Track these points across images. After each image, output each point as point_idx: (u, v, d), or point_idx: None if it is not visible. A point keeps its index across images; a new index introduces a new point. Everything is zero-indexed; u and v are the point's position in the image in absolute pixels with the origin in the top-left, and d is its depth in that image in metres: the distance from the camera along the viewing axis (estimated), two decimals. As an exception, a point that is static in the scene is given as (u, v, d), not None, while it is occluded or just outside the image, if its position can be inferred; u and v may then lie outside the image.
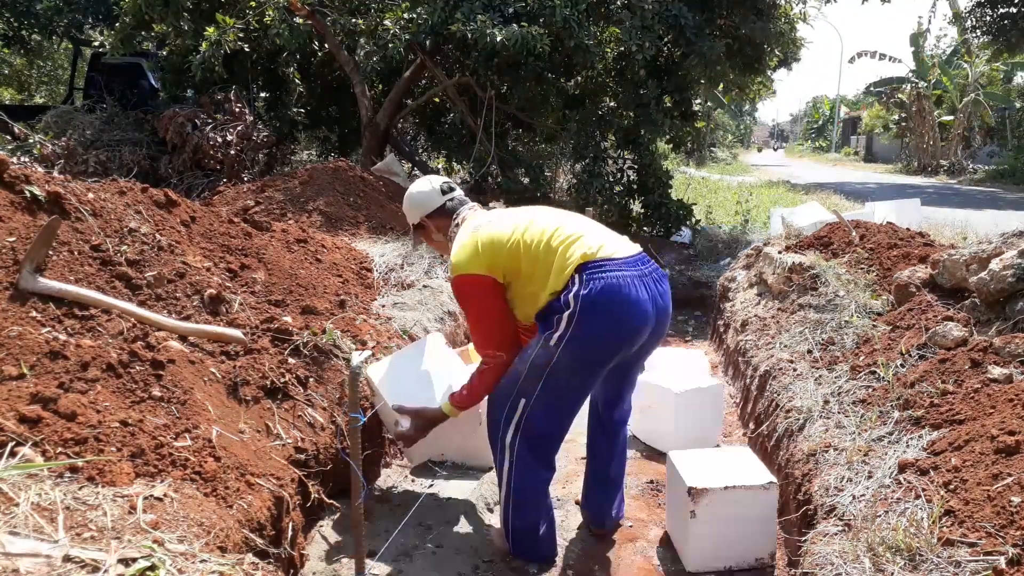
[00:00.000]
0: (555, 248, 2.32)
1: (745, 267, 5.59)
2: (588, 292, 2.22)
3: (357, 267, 4.34)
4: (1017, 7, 17.88)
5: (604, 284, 2.23)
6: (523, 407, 2.37)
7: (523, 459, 2.42)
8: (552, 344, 2.28)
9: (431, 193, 2.66)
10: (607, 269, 2.26)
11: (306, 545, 2.48)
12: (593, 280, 2.24)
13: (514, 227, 2.40)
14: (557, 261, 2.30)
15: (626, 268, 2.29)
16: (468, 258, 2.37)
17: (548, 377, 2.31)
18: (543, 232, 2.37)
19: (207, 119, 7.47)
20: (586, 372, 2.37)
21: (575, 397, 2.45)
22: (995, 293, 2.93)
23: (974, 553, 1.68)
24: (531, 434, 2.40)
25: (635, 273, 2.30)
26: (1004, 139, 24.05)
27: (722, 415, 3.80)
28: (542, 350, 2.31)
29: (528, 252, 2.34)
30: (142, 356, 2.29)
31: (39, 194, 2.66)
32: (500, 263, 2.36)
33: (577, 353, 2.28)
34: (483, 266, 2.35)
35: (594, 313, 2.22)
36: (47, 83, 19.78)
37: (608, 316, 2.24)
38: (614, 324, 2.27)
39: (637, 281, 2.29)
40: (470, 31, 6.39)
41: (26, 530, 1.40)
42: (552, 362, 2.29)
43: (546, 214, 2.50)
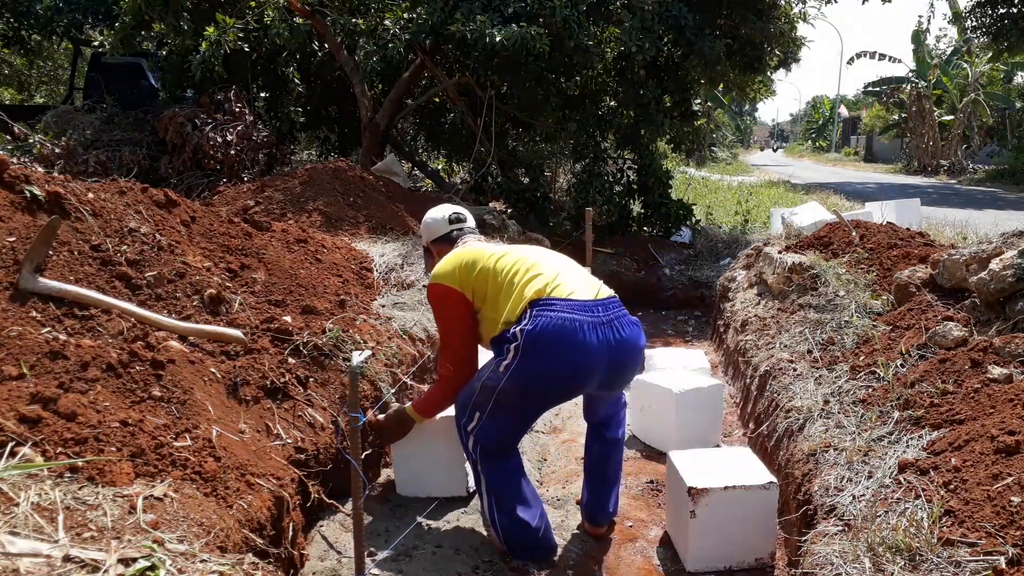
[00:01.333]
0: (517, 281, 2.41)
1: (745, 267, 5.59)
2: (532, 328, 2.28)
3: (357, 267, 4.34)
4: (1017, 7, 17.88)
5: (548, 323, 2.28)
6: (478, 418, 2.46)
7: (485, 460, 2.51)
8: (500, 370, 2.37)
9: (440, 220, 2.79)
10: (556, 308, 2.32)
11: (306, 545, 2.48)
12: (539, 317, 2.30)
13: (493, 254, 2.52)
14: (516, 293, 2.38)
15: (578, 312, 2.33)
16: (444, 270, 2.52)
17: (497, 398, 2.40)
18: (514, 264, 2.47)
19: (207, 119, 7.47)
20: (533, 400, 2.47)
21: (524, 418, 2.54)
22: (995, 293, 2.93)
23: (974, 553, 1.68)
24: (485, 444, 2.49)
25: (587, 318, 2.33)
26: (1004, 139, 24.04)
27: (722, 415, 3.80)
28: (492, 373, 2.41)
29: (495, 279, 2.45)
30: (142, 356, 2.29)
31: (39, 194, 2.66)
32: (470, 283, 2.47)
33: (521, 384, 2.35)
34: (456, 281, 2.48)
35: (536, 350, 2.28)
36: (47, 83, 19.78)
37: (549, 355, 2.29)
38: (555, 363, 2.30)
39: (587, 327, 2.31)
40: (470, 31, 6.39)
41: (26, 530, 1.40)
42: (499, 386, 2.38)
43: (530, 251, 2.60)
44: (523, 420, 2.55)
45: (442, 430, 2.85)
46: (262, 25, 7.27)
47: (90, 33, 9.99)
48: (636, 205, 8.63)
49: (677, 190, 10.33)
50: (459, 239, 2.74)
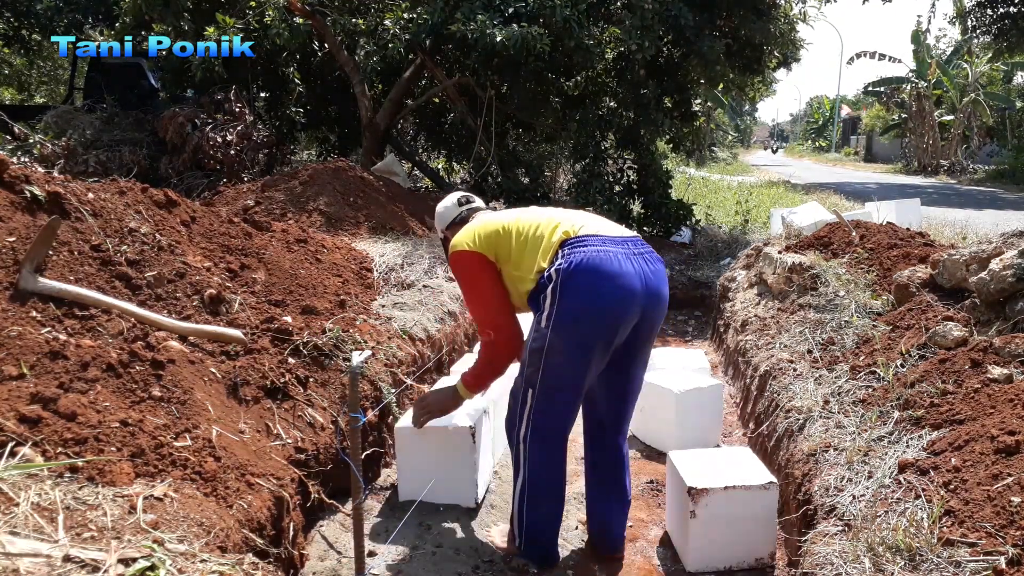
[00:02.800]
0: (542, 233, 2.38)
1: (745, 267, 5.59)
2: (567, 265, 2.25)
3: (357, 267, 4.34)
4: (1017, 7, 17.88)
5: (584, 256, 2.25)
6: (531, 397, 2.38)
7: (535, 453, 2.42)
8: (543, 326, 2.30)
9: (450, 207, 2.77)
10: (588, 243, 2.29)
11: (306, 545, 2.48)
12: (573, 253, 2.27)
13: (511, 215, 2.51)
14: (544, 241, 2.35)
15: (610, 244, 2.31)
16: (463, 237, 2.47)
17: (546, 362, 2.31)
18: (535, 219, 2.45)
19: (207, 119, 7.47)
20: (579, 352, 2.31)
21: (574, 382, 2.39)
22: (995, 293, 2.93)
23: (974, 553, 1.68)
24: (540, 425, 2.40)
25: (620, 250, 2.31)
26: (1004, 139, 24.04)
27: (722, 415, 3.80)
28: (535, 334, 2.34)
29: (518, 237, 2.41)
30: (142, 356, 2.29)
31: (39, 194, 2.66)
32: (491, 245, 2.42)
33: (565, 331, 2.27)
34: (476, 244, 2.43)
35: (575, 285, 2.23)
36: (47, 83, 19.78)
37: (589, 288, 2.23)
38: (595, 296, 2.24)
39: (621, 256, 2.28)
40: (470, 31, 6.39)
41: (26, 530, 1.40)
42: (546, 345, 2.29)
43: (548, 209, 2.58)
44: (575, 386, 2.38)
45: (455, 438, 2.81)
46: (262, 25, 7.27)
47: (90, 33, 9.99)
48: (636, 205, 8.63)
49: (677, 190, 10.33)
50: (471, 216, 2.71)
